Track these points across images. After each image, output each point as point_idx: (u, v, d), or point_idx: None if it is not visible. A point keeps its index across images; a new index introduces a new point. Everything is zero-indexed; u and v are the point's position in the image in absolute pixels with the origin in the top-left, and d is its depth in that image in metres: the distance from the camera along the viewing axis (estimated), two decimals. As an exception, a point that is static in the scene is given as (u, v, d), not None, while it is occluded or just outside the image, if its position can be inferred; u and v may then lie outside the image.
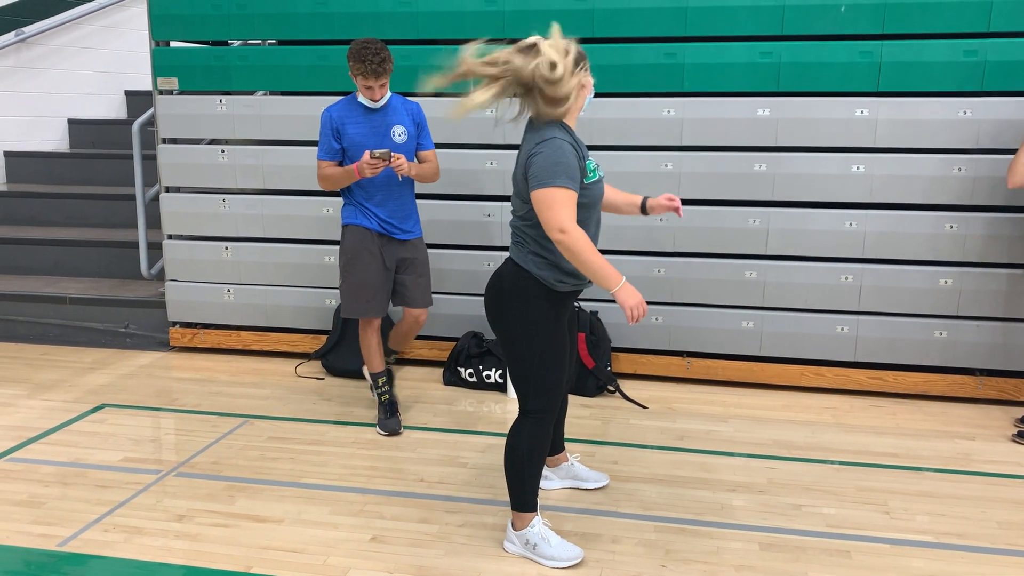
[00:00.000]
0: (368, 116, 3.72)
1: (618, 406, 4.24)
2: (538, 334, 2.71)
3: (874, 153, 4.20)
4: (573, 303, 2.94)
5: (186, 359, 4.96)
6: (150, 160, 5.10)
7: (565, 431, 3.39)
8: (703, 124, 4.30)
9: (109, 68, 7.42)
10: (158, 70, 4.84)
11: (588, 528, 3.02)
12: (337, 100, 3.80)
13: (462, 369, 4.49)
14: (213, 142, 5.01)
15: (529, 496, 2.81)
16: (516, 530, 2.83)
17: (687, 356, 4.55)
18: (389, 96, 3.73)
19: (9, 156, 6.78)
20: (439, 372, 4.66)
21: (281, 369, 4.78)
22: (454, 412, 4.15)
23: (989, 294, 4.20)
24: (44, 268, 5.82)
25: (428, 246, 4.11)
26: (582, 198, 2.63)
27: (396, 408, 3.95)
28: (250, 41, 5.08)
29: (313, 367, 4.79)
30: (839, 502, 3.23)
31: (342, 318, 4.69)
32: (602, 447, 3.73)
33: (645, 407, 4.22)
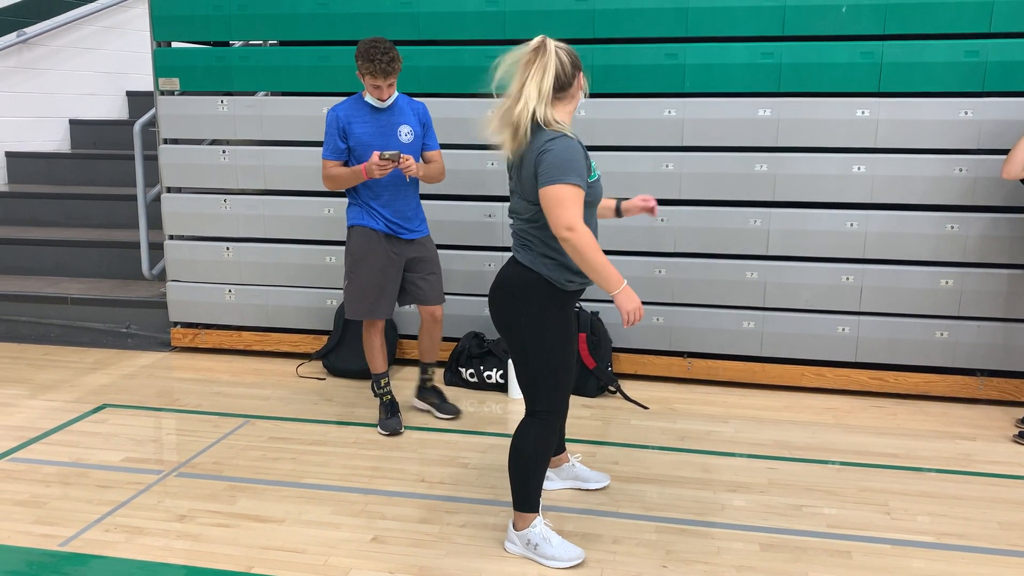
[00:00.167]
0: (375, 116, 3.70)
1: (619, 406, 4.24)
2: (549, 335, 2.72)
3: (875, 153, 4.20)
4: (575, 303, 2.94)
5: (187, 359, 4.97)
6: (151, 161, 5.10)
7: (566, 431, 3.39)
8: (704, 124, 4.30)
9: (110, 69, 7.42)
10: (159, 71, 4.85)
11: (589, 528, 3.02)
12: (342, 100, 3.79)
13: (463, 369, 4.49)
14: (214, 143, 5.01)
15: (532, 497, 2.81)
16: (517, 530, 2.83)
17: (688, 356, 4.55)
18: (396, 96, 3.72)
19: (10, 156, 6.79)
20: (440, 372, 4.66)
21: (282, 369, 4.78)
22: (455, 412, 4.15)
23: (990, 294, 4.20)
24: (45, 268, 5.83)
25: (429, 246, 4.12)
26: (586, 197, 2.64)
27: (397, 408, 3.95)
28: (251, 42, 5.09)
29: (314, 367, 4.79)
30: (840, 502, 3.23)
31: (344, 319, 4.69)
32: (603, 447, 3.73)
33: (646, 407, 4.22)
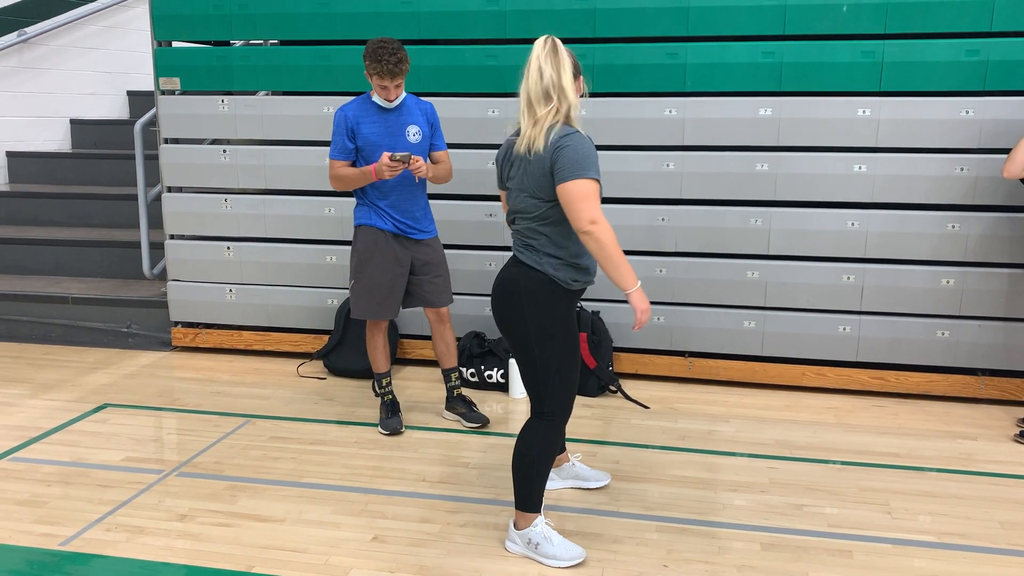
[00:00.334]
0: (383, 116, 3.68)
1: (620, 406, 4.24)
2: (558, 335, 2.72)
3: (876, 153, 4.20)
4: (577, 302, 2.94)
5: (188, 359, 4.97)
6: (152, 160, 5.10)
7: (567, 431, 3.39)
8: (705, 124, 4.30)
9: (111, 68, 7.42)
10: (160, 70, 4.85)
11: (590, 528, 3.02)
12: (350, 99, 3.77)
13: (464, 369, 4.49)
14: (215, 142, 5.01)
15: (535, 497, 2.81)
16: (519, 529, 2.83)
17: (689, 356, 4.55)
18: (404, 96, 3.70)
19: (11, 156, 6.79)
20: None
21: (283, 369, 4.78)
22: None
23: (991, 294, 4.19)
24: (46, 268, 5.83)
25: (430, 246, 4.11)
26: None
27: (398, 408, 3.95)
28: (252, 41, 5.09)
29: (315, 367, 4.79)
30: (841, 502, 3.23)
31: (345, 318, 4.69)
32: (604, 447, 3.73)
33: (647, 407, 4.21)
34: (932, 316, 4.27)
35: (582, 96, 2.74)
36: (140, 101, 7.44)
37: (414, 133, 3.72)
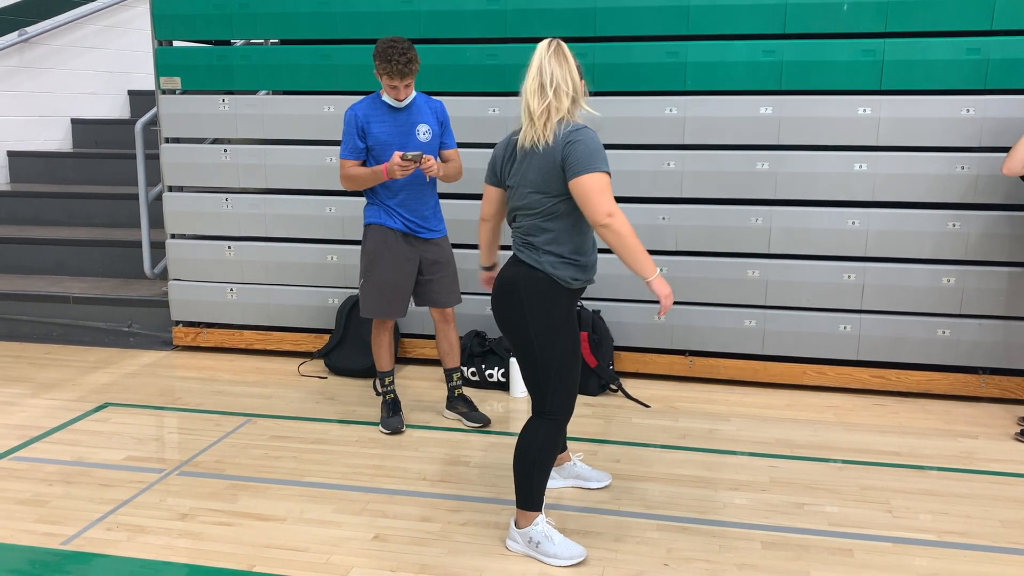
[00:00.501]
0: (393, 115, 3.67)
1: (620, 405, 4.24)
2: (559, 334, 2.72)
3: (876, 151, 4.20)
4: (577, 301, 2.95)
5: (189, 358, 4.97)
6: (153, 160, 5.11)
7: (568, 430, 3.39)
8: (705, 123, 4.30)
9: (112, 68, 7.43)
10: (161, 70, 4.85)
11: (590, 526, 3.02)
12: (359, 99, 3.75)
13: (465, 368, 4.49)
14: (216, 141, 5.01)
15: (536, 496, 2.81)
16: (520, 528, 2.83)
17: (689, 355, 4.55)
18: (414, 95, 3.69)
19: (12, 156, 6.79)
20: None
21: (284, 368, 4.78)
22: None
23: (992, 292, 4.19)
24: (47, 267, 5.83)
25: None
26: None
27: (399, 407, 3.95)
28: (252, 40, 5.09)
29: (316, 366, 4.79)
30: (841, 501, 3.23)
31: (346, 317, 4.70)
32: (605, 446, 3.73)
33: (647, 406, 4.22)
34: (933, 315, 4.27)
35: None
36: (141, 100, 7.44)
37: (424, 132, 3.71)
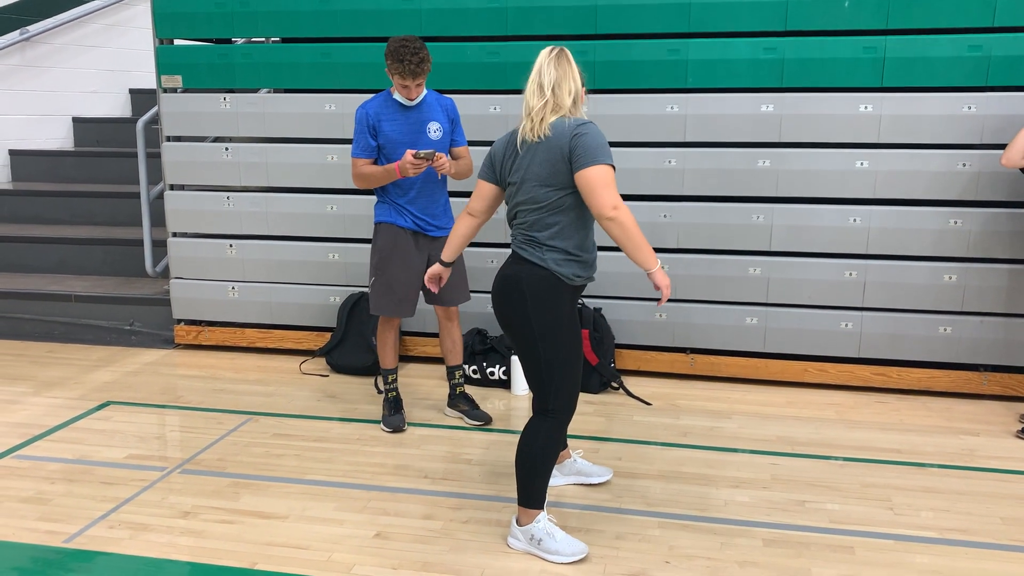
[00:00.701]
0: (404, 113, 3.66)
1: (622, 402, 4.24)
2: (561, 332, 2.73)
3: (878, 149, 4.19)
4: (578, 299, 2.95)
5: (191, 356, 4.98)
6: (154, 158, 5.11)
7: (569, 428, 3.39)
8: (707, 120, 4.30)
9: (113, 66, 7.43)
10: (162, 68, 4.85)
11: (592, 524, 3.02)
12: (371, 97, 3.72)
13: (466, 366, 4.49)
14: (217, 140, 5.02)
15: (538, 494, 2.81)
16: (521, 525, 2.84)
17: (691, 352, 4.55)
18: (425, 93, 3.67)
19: (14, 154, 6.80)
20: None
21: (285, 366, 4.79)
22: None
23: (993, 290, 4.19)
24: (49, 266, 5.84)
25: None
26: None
27: (401, 405, 3.95)
28: (253, 39, 5.09)
29: (317, 364, 4.80)
30: (843, 498, 3.23)
31: (347, 315, 4.70)
32: (606, 443, 3.74)
33: (649, 403, 4.22)
34: (934, 312, 4.27)
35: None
36: (142, 99, 7.44)
37: (435, 130, 3.71)
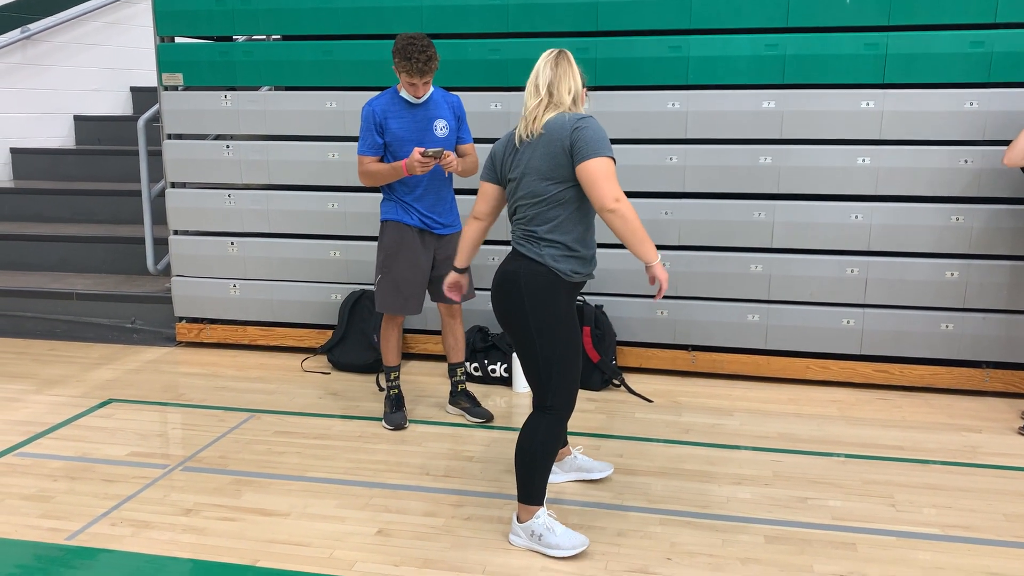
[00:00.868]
0: (411, 110, 3.65)
1: (623, 400, 4.24)
2: (559, 328, 2.72)
3: (880, 145, 4.19)
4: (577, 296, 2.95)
5: (192, 354, 4.98)
6: (156, 156, 5.11)
7: (570, 425, 3.40)
8: (708, 117, 4.29)
9: (114, 64, 7.43)
10: (163, 66, 4.85)
11: (593, 521, 3.02)
12: (377, 94, 3.71)
13: (468, 363, 4.49)
14: (218, 138, 5.01)
15: (538, 490, 2.81)
16: (521, 522, 2.84)
17: (692, 350, 4.55)
18: (431, 90, 3.66)
19: (15, 153, 6.81)
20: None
21: (287, 364, 4.79)
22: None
23: (995, 286, 4.18)
24: (51, 264, 5.85)
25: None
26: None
27: (402, 402, 3.95)
28: (254, 36, 5.09)
29: (319, 362, 4.80)
30: (845, 495, 3.23)
31: (349, 313, 4.70)
32: (607, 440, 3.73)
33: (650, 400, 4.22)
34: (936, 309, 4.26)
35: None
36: (143, 97, 7.44)
37: (441, 127, 3.70)
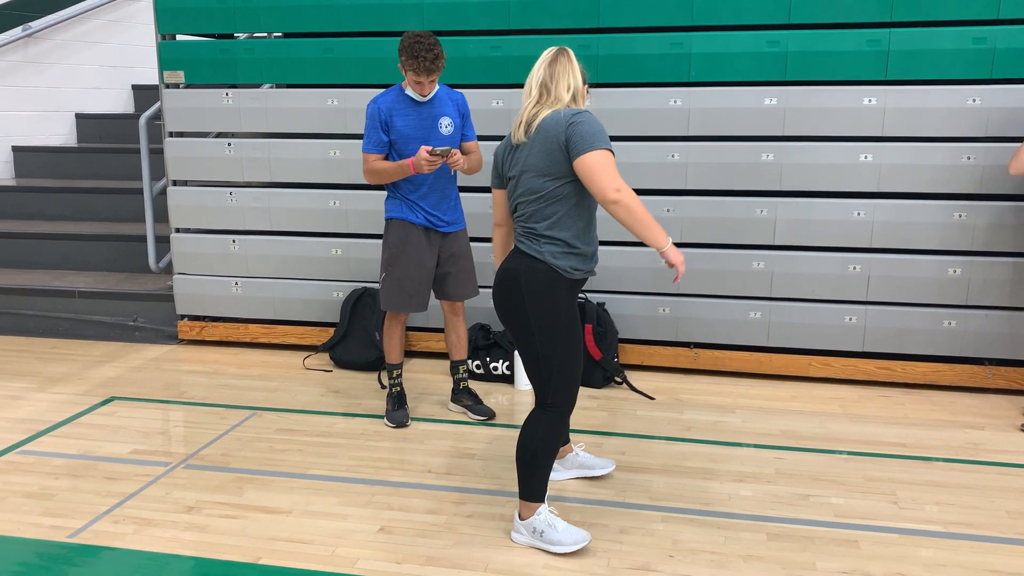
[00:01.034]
0: (416, 108, 3.63)
1: (625, 397, 4.24)
2: (559, 326, 2.72)
3: (882, 142, 4.18)
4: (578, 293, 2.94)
5: (194, 352, 4.98)
6: (157, 154, 5.11)
7: (571, 422, 3.39)
8: (710, 114, 4.29)
9: (116, 62, 7.43)
10: (164, 64, 4.85)
11: (595, 518, 3.02)
12: (382, 92, 3.69)
13: (470, 361, 4.49)
14: (220, 135, 5.01)
15: (539, 486, 2.81)
16: (523, 519, 2.84)
17: (694, 347, 4.54)
18: (437, 88, 3.66)
19: (17, 151, 6.81)
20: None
21: (289, 361, 4.79)
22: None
23: (998, 283, 4.18)
24: (53, 262, 5.85)
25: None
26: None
27: (404, 400, 3.95)
28: (256, 34, 5.08)
29: (321, 359, 4.80)
30: (847, 492, 3.22)
31: (351, 311, 4.70)
32: (609, 438, 3.73)
33: (652, 398, 4.21)
34: (938, 306, 4.26)
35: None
36: (145, 95, 7.45)
37: (446, 125, 3.69)
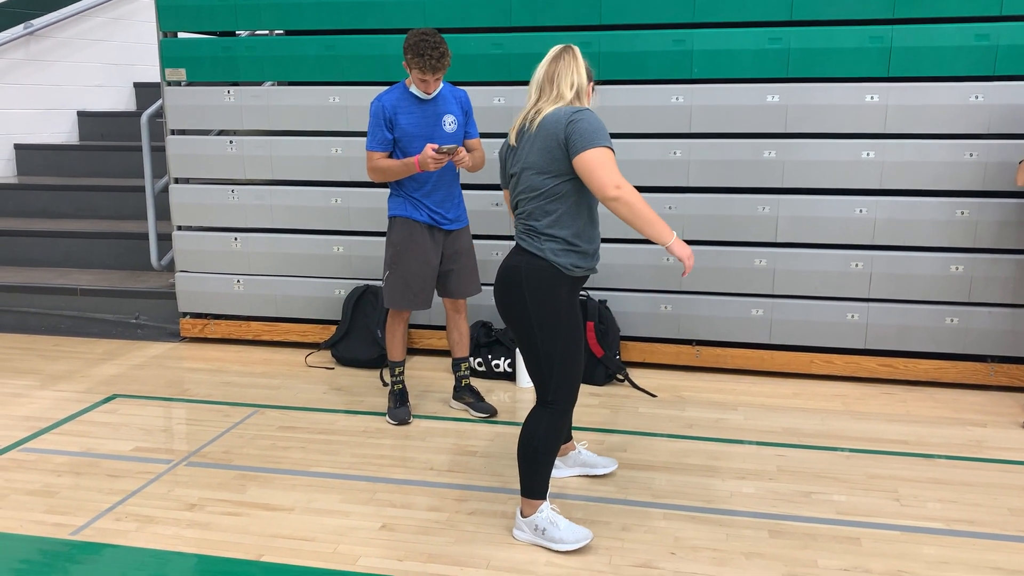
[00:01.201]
0: (420, 106, 3.63)
1: (627, 394, 4.24)
2: (560, 323, 2.72)
3: (884, 139, 4.17)
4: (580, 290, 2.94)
5: (197, 349, 4.99)
6: (159, 151, 5.12)
7: (573, 420, 3.39)
8: (712, 111, 4.28)
9: (117, 60, 7.44)
10: (166, 61, 4.85)
11: (597, 516, 3.02)
12: (385, 90, 3.69)
13: (471, 358, 4.49)
14: (221, 133, 5.02)
15: (540, 484, 2.81)
16: (525, 516, 2.84)
17: (696, 344, 4.54)
18: (440, 85, 3.65)
19: (19, 149, 6.82)
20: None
21: (291, 359, 4.79)
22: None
23: (1001, 280, 4.17)
24: (55, 260, 5.86)
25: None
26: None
27: (406, 398, 3.95)
28: (257, 32, 5.08)
29: (323, 357, 4.80)
30: (849, 489, 3.22)
31: (352, 308, 4.70)
32: (611, 435, 3.73)
33: (654, 395, 4.21)
34: (941, 303, 4.25)
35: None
36: (146, 92, 7.45)
37: (450, 123, 3.69)
